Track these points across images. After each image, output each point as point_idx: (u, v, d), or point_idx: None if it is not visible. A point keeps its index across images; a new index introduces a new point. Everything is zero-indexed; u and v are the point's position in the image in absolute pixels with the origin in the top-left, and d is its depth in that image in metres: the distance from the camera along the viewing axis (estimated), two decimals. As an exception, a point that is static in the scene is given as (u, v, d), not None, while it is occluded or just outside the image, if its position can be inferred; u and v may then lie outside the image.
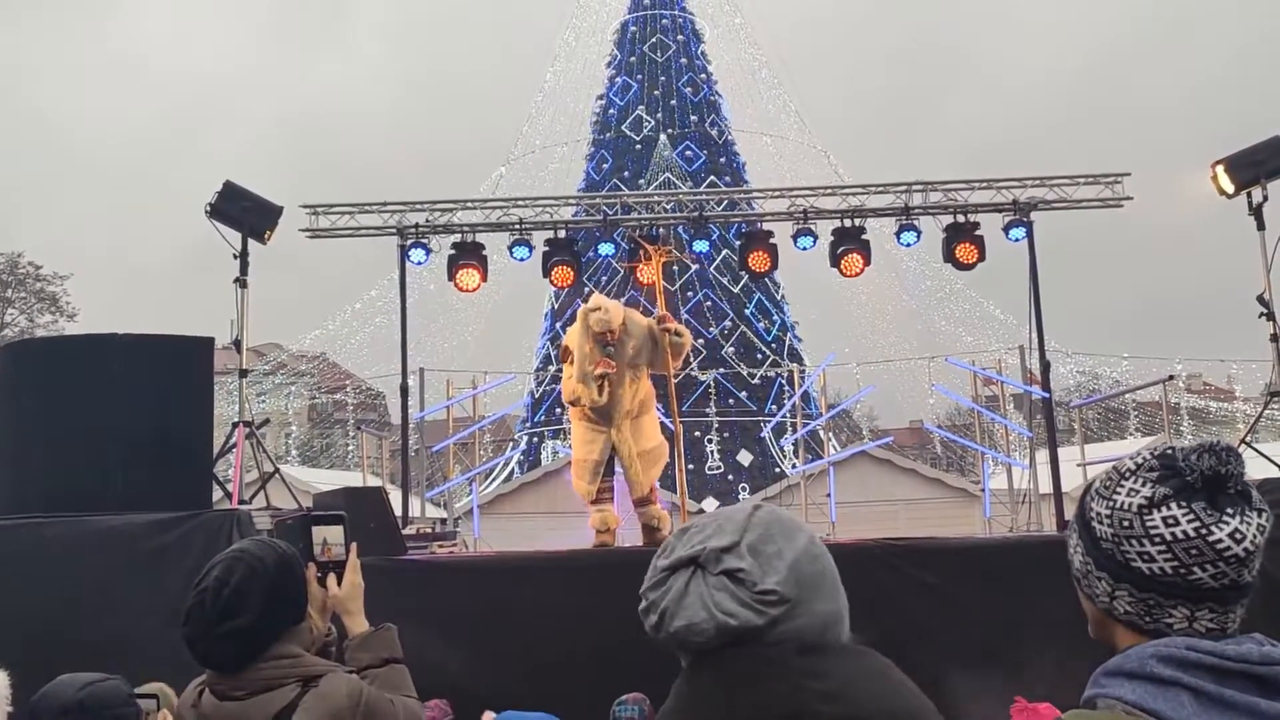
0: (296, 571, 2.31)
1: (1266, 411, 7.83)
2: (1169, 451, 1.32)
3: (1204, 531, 1.25)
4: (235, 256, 7.73)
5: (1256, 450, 7.69)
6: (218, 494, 7.03)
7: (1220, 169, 7.86)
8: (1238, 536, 1.26)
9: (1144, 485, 1.30)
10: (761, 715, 1.24)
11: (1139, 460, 1.34)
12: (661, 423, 7.63)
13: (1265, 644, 1.27)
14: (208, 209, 7.66)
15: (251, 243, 7.87)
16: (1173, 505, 1.27)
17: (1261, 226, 7.68)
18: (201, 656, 2.20)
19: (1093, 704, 1.27)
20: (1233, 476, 1.28)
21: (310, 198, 10.31)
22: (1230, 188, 7.83)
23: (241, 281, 7.72)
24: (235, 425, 7.43)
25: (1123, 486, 1.32)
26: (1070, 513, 1.50)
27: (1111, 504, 1.32)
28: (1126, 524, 1.30)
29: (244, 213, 7.76)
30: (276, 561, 2.26)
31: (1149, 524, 1.28)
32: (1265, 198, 7.66)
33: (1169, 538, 1.27)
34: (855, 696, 1.25)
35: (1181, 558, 1.26)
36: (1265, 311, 7.49)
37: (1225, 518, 1.26)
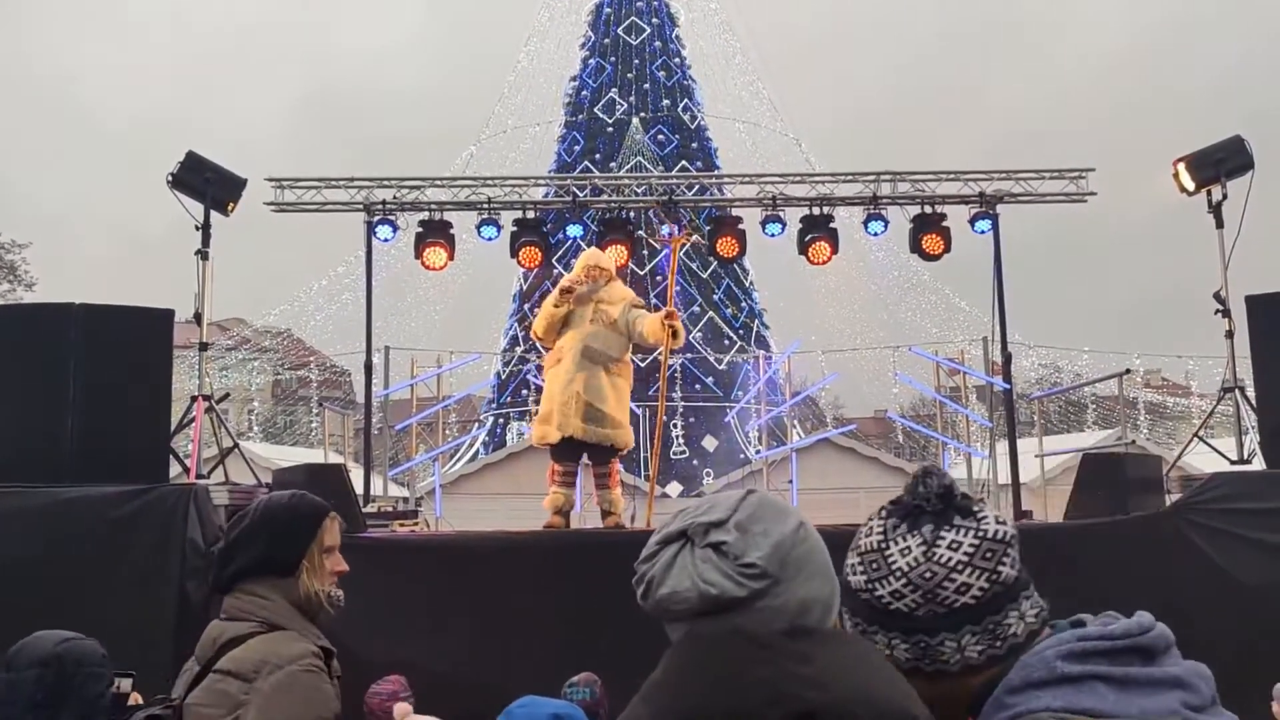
0: (302, 524, 2.35)
1: (1220, 407, 7.96)
2: (888, 508, 1.39)
3: (982, 532, 1.30)
4: (197, 228, 7.62)
5: (1210, 445, 7.83)
6: (176, 468, 6.95)
7: (1182, 167, 7.97)
8: (1001, 520, 1.31)
9: (905, 538, 1.34)
10: (742, 696, 1.24)
11: (876, 530, 1.39)
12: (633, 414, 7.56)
13: (1121, 618, 1.31)
14: (169, 179, 7.54)
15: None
16: (944, 532, 1.31)
17: (1220, 224, 7.80)
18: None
19: None
20: (954, 485, 1.33)
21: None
22: (1191, 185, 7.94)
23: (203, 254, 7.61)
24: (194, 399, 7.34)
25: (890, 554, 1.35)
26: (1027, 502, 1.52)
27: (899, 573, 1.34)
28: (928, 575, 1.31)
29: (206, 184, 7.64)
30: (288, 507, 2.35)
31: (944, 560, 1.31)
32: (1225, 196, 7.77)
33: (965, 559, 1.30)
34: (838, 683, 1.25)
35: (984, 565, 1.30)
36: (1222, 308, 7.61)
37: (974, 514, 1.32)
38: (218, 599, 2.36)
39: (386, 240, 10.23)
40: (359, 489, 8.65)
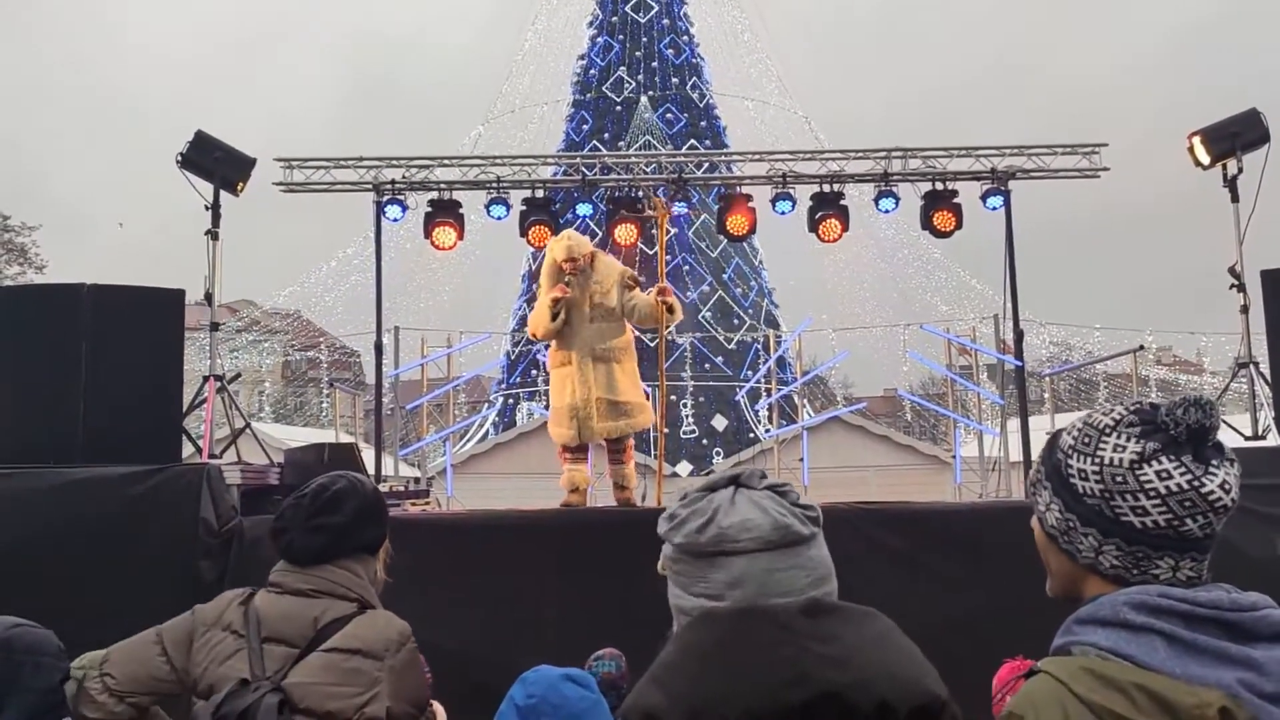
0: (384, 506, 2.51)
1: (1234, 383, 7.92)
2: (1145, 406, 1.35)
3: (1196, 484, 1.29)
4: (207, 208, 7.62)
5: (1224, 422, 7.79)
6: (188, 449, 6.98)
7: (1197, 140, 7.89)
8: (1226, 487, 1.30)
9: (1130, 440, 1.32)
10: (765, 677, 1.22)
11: (1115, 416, 1.36)
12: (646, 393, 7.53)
13: (1233, 592, 1.30)
14: (178, 159, 7.53)
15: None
16: (1164, 459, 1.30)
17: (1235, 198, 7.73)
18: (285, 546, 2.34)
19: (1066, 651, 1.28)
20: (1214, 429, 1.32)
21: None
22: (1206, 159, 7.86)
23: (213, 234, 7.60)
24: (206, 379, 7.36)
25: (1106, 442, 1.34)
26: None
27: (1098, 460, 1.34)
28: (1119, 479, 1.31)
29: (215, 164, 7.63)
30: (373, 490, 2.48)
31: (1142, 478, 1.30)
32: (1240, 170, 7.69)
33: (1163, 491, 1.29)
34: (861, 662, 1.24)
35: (1175, 510, 1.29)
36: (1236, 283, 7.55)
37: (1212, 469, 1.30)
38: (231, 577, 2.37)
39: (396, 220, 10.22)
40: (370, 469, 8.69)
